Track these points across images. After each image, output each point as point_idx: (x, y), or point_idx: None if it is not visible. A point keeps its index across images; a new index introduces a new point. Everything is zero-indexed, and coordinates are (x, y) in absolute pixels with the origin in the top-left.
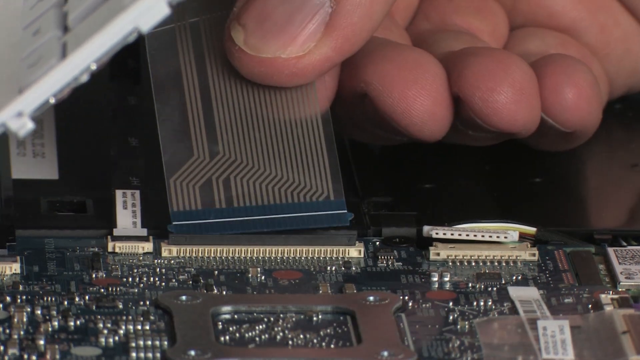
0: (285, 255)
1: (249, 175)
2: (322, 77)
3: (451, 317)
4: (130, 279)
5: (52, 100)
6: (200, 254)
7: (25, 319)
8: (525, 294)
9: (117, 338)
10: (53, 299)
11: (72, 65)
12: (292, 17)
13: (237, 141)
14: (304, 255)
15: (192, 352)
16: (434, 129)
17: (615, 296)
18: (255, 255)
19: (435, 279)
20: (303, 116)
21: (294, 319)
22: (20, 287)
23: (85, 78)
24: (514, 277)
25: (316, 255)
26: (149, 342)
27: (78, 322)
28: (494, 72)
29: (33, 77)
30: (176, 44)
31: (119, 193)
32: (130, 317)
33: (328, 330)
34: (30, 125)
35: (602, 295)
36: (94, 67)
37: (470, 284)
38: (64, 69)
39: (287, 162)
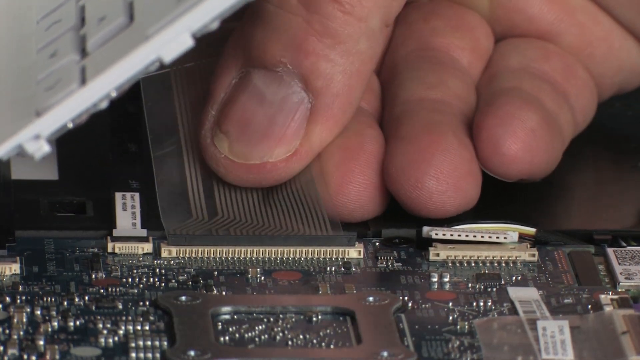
0: (285, 255)
1: (248, 228)
2: None
3: (451, 318)
4: (129, 280)
5: (70, 125)
6: (199, 255)
7: (25, 320)
8: (524, 295)
9: (116, 338)
10: (53, 299)
11: (92, 92)
12: (274, 119)
13: (235, 200)
14: (304, 255)
15: (192, 353)
16: (364, 214)
17: (615, 297)
18: (254, 255)
19: (435, 279)
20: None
21: (293, 319)
22: (20, 288)
23: (104, 104)
24: (514, 278)
25: (316, 255)
26: (149, 343)
27: (78, 323)
28: (416, 165)
29: (51, 101)
30: (172, 94)
31: (118, 195)
32: (129, 318)
33: (328, 331)
34: (46, 148)
35: (602, 296)
36: (114, 94)
37: (469, 285)
38: (84, 95)
39: (286, 216)
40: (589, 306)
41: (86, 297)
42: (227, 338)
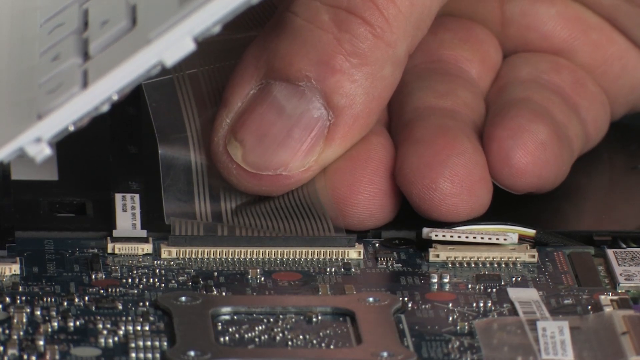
0: (285, 256)
1: (251, 229)
2: None
3: (451, 318)
4: (129, 280)
5: (72, 128)
6: (199, 255)
7: (24, 320)
8: (524, 295)
9: (116, 339)
10: (52, 299)
11: (93, 95)
12: (292, 132)
13: (241, 202)
14: (304, 256)
15: (192, 353)
16: (376, 222)
17: (615, 297)
18: (254, 256)
19: (435, 280)
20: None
21: (293, 319)
22: (20, 288)
23: (106, 108)
24: (514, 279)
25: (316, 256)
26: (149, 343)
27: (77, 323)
28: (430, 166)
29: (53, 104)
30: (176, 94)
31: (118, 197)
32: (129, 318)
33: (328, 331)
34: (47, 151)
35: (602, 297)
36: (115, 97)
37: (469, 285)
38: (85, 98)
39: (292, 224)
40: (589, 307)
41: (86, 298)
42: (227, 338)
